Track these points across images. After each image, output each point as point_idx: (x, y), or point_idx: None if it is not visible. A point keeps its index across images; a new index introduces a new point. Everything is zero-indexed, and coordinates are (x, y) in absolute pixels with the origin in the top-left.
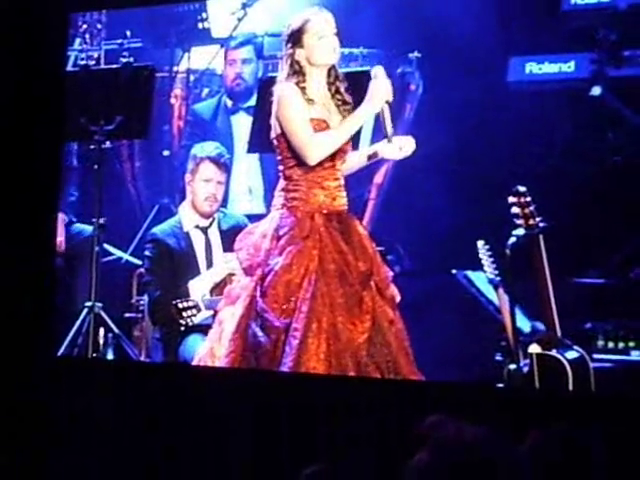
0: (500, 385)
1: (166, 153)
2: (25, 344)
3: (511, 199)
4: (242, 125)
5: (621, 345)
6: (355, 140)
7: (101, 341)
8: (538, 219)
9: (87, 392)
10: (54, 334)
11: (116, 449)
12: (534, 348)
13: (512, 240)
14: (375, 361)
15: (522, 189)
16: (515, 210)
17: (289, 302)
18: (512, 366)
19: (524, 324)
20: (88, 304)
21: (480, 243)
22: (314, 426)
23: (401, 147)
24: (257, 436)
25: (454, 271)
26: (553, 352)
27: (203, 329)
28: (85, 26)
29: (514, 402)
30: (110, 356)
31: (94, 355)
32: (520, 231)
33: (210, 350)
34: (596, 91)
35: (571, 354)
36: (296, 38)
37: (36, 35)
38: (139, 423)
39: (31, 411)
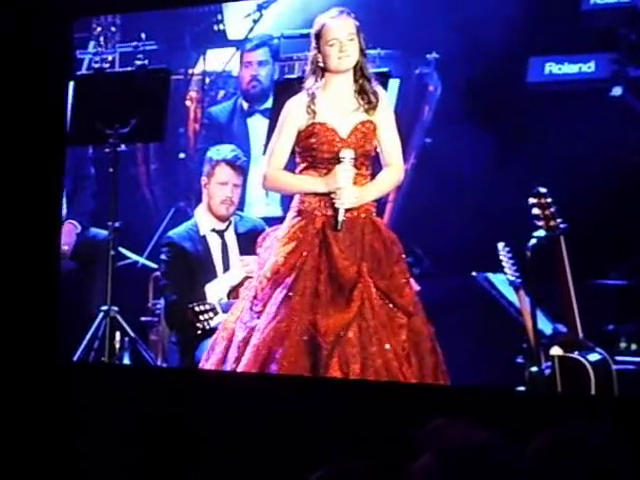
0: (521, 388)
1: (182, 156)
2: (38, 349)
3: (531, 200)
4: (258, 127)
5: None
6: None
7: (117, 345)
8: (559, 220)
9: (103, 397)
10: (70, 338)
11: (132, 453)
12: (556, 350)
13: (533, 242)
14: (346, 361)
15: (542, 190)
16: (536, 211)
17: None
18: (534, 369)
19: (545, 326)
20: (104, 308)
21: (500, 245)
22: (320, 430)
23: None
24: (269, 440)
25: (474, 273)
26: (575, 354)
27: None
28: (99, 29)
29: (536, 405)
30: (126, 360)
31: (110, 359)
32: (541, 232)
33: (206, 352)
34: (617, 91)
35: (593, 356)
36: (316, 42)
37: (39, 41)
38: (155, 427)
39: (47, 416)
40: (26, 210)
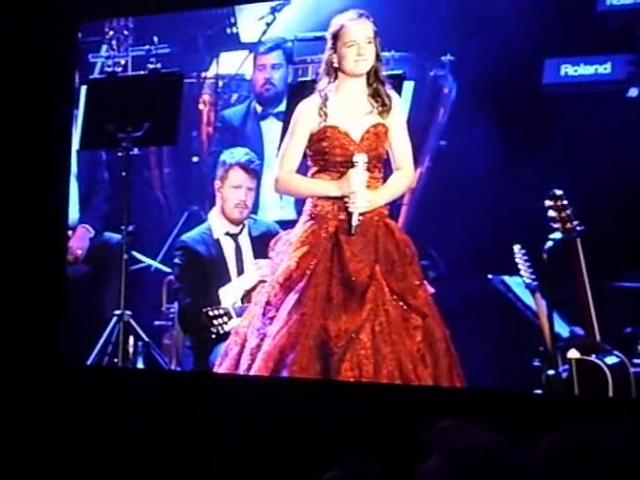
0: (538, 391)
1: (195, 159)
2: (51, 353)
3: (548, 202)
4: (272, 131)
5: None
6: None
7: (131, 350)
8: (575, 222)
9: (117, 400)
10: (84, 343)
11: (146, 456)
12: (573, 353)
13: (549, 244)
14: (358, 363)
15: (559, 192)
16: (552, 214)
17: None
18: (551, 372)
19: (562, 329)
20: (117, 312)
21: (516, 247)
22: (333, 432)
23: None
24: (282, 442)
25: (490, 276)
26: (592, 357)
27: None
28: (112, 33)
29: (553, 408)
30: (140, 365)
31: (124, 364)
32: (557, 235)
33: (220, 357)
34: (633, 92)
35: (611, 359)
36: (332, 42)
37: (41, 42)
38: (169, 431)
39: (61, 419)
40: (31, 213)
